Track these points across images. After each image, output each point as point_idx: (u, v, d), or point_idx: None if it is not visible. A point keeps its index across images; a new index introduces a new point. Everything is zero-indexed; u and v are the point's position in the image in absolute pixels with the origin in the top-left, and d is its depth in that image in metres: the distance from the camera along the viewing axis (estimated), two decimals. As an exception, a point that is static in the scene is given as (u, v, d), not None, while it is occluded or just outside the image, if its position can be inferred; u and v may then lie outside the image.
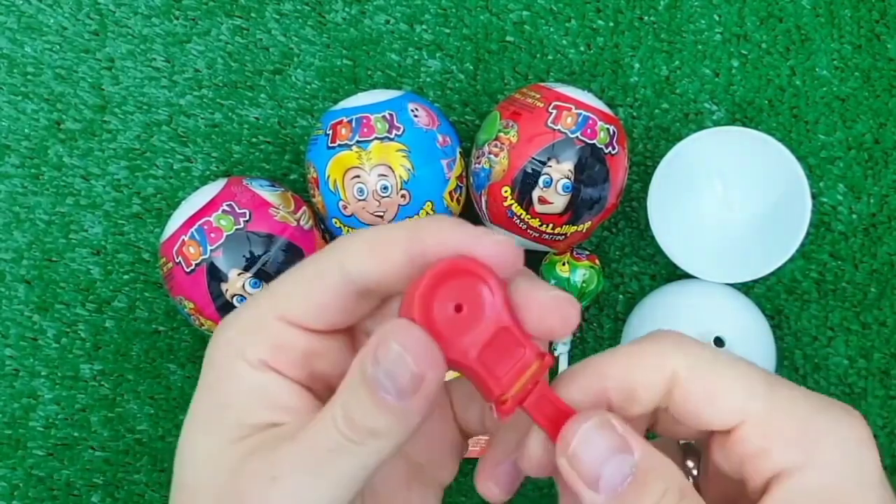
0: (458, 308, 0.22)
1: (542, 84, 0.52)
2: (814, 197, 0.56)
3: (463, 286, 0.22)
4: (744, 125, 0.57)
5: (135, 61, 0.57)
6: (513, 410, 0.23)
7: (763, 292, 0.57)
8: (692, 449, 0.28)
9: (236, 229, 0.48)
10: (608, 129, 0.50)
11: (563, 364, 0.55)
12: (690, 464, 0.27)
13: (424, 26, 0.57)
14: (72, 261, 0.56)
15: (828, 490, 0.22)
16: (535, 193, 0.49)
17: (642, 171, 0.57)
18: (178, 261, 0.48)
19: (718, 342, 0.50)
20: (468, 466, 0.56)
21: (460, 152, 0.52)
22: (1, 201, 0.56)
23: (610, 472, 0.22)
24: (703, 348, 0.24)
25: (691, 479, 0.27)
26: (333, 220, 0.51)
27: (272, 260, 0.48)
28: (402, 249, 0.22)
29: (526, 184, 0.49)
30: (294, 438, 0.22)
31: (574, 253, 0.54)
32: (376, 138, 0.48)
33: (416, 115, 0.50)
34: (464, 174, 0.53)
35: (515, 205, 0.50)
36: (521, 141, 0.49)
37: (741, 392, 0.23)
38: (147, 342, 0.56)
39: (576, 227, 0.51)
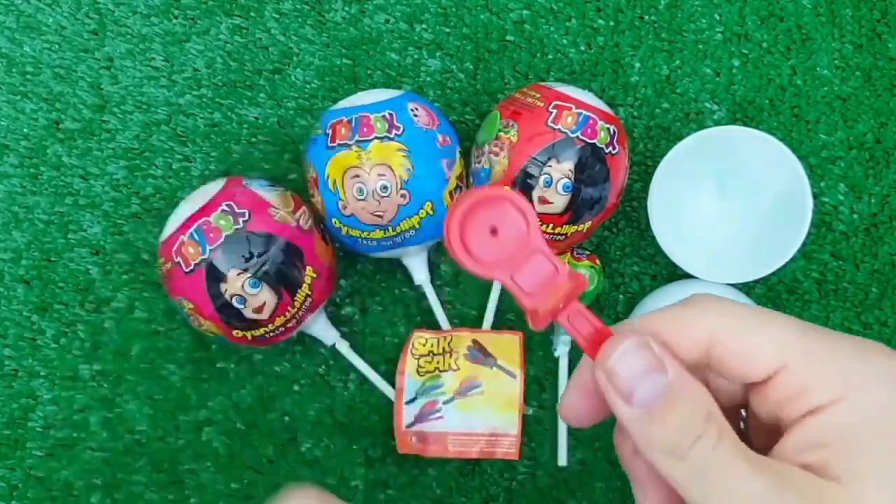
0: (494, 231, 0.26)
1: (543, 83, 0.52)
2: (815, 197, 0.55)
3: (498, 213, 0.26)
4: (745, 125, 0.57)
5: (134, 61, 0.57)
6: (545, 322, 0.26)
7: (764, 292, 0.57)
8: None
9: (235, 229, 0.47)
10: (609, 128, 0.50)
11: (562, 364, 0.55)
12: (743, 412, 0.28)
13: (424, 25, 0.57)
14: (71, 261, 0.56)
15: (859, 423, 0.22)
16: (536, 193, 0.49)
17: (643, 171, 0.57)
18: (177, 261, 0.48)
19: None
20: (467, 467, 0.56)
21: (460, 152, 0.52)
22: (0, 201, 0.56)
23: (643, 389, 0.23)
24: (738, 307, 0.25)
25: (742, 425, 0.28)
26: (333, 220, 0.50)
27: (271, 260, 0.48)
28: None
29: (526, 183, 0.49)
30: None
31: (574, 253, 0.54)
32: (376, 138, 0.48)
33: (415, 115, 0.50)
34: (464, 174, 0.53)
35: (515, 205, 0.49)
36: (521, 140, 0.49)
37: (777, 342, 0.24)
38: (146, 342, 0.56)
39: (576, 227, 0.51)
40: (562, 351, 0.55)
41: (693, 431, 0.23)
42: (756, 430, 0.27)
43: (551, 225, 0.50)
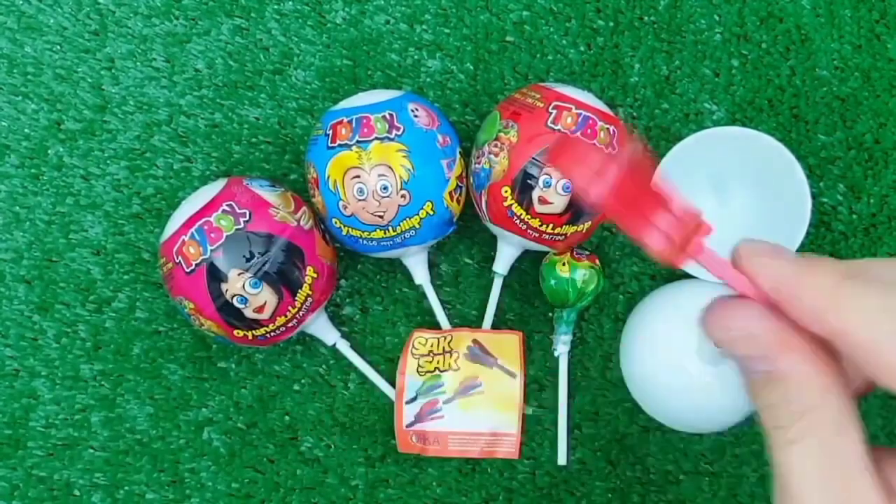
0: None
1: (542, 84, 0.52)
2: (814, 197, 0.56)
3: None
4: (744, 125, 0.57)
5: (135, 61, 0.57)
6: (681, 260, 0.26)
7: (763, 292, 0.57)
8: None
9: (236, 229, 0.48)
10: (608, 129, 0.50)
11: (562, 364, 0.55)
12: None
13: (424, 26, 0.57)
14: (72, 261, 0.56)
15: None
16: (535, 193, 0.49)
17: (642, 171, 0.57)
18: (178, 261, 0.48)
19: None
20: (467, 466, 0.56)
21: (460, 152, 0.52)
22: (1, 201, 0.56)
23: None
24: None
25: None
26: (333, 221, 0.51)
27: (272, 260, 0.48)
28: None
29: (526, 184, 0.49)
30: None
31: (574, 253, 0.54)
32: (376, 138, 0.48)
33: (416, 115, 0.50)
34: (464, 174, 0.53)
35: (515, 205, 0.50)
36: (521, 141, 0.49)
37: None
38: (147, 342, 0.56)
39: (576, 227, 0.51)
40: (562, 350, 0.55)
41: None
42: None
43: (551, 225, 0.50)
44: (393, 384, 0.55)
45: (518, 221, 0.50)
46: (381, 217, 0.49)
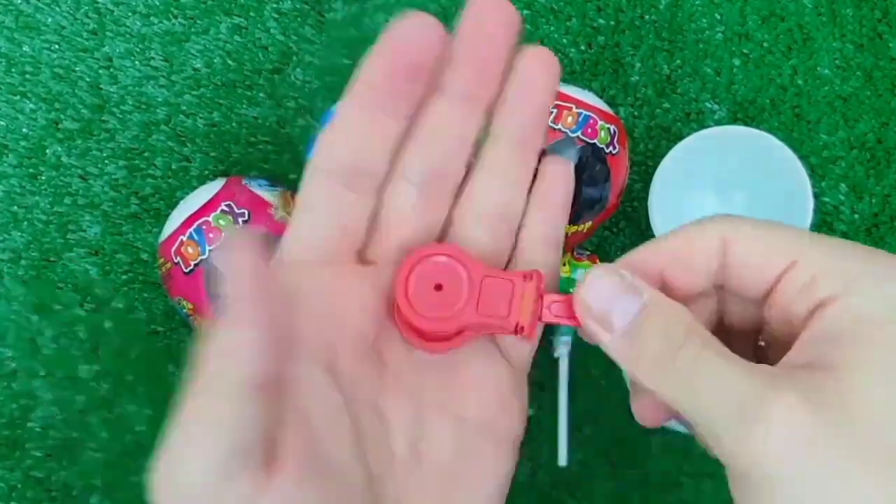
0: (439, 287, 0.25)
1: (543, 83, 0.52)
2: (816, 197, 0.55)
3: (435, 269, 0.26)
4: (745, 125, 0.56)
5: (133, 60, 0.57)
6: (534, 331, 0.26)
7: (764, 292, 0.57)
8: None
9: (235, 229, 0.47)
10: (609, 128, 0.50)
11: (563, 367, 0.55)
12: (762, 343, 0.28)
13: (424, 25, 0.57)
14: (70, 261, 0.56)
15: (867, 315, 0.22)
16: (536, 193, 0.49)
17: (643, 171, 0.57)
18: (176, 261, 0.48)
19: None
20: (468, 467, 0.55)
21: (460, 152, 0.52)
22: (-1, 201, 0.56)
23: (619, 312, 0.24)
24: (749, 218, 0.25)
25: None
26: (333, 220, 0.50)
27: (271, 260, 0.47)
28: None
29: (526, 184, 0.49)
30: None
31: (575, 253, 0.54)
32: (376, 138, 0.48)
33: (415, 115, 0.49)
34: (464, 174, 0.52)
35: (516, 205, 0.49)
36: (521, 140, 0.49)
37: (790, 239, 0.24)
38: (146, 343, 0.56)
39: (576, 227, 0.50)
40: (562, 351, 0.55)
41: (675, 341, 0.23)
42: (776, 351, 0.26)
43: (552, 225, 0.50)
44: (393, 385, 0.55)
45: (518, 221, 0.50)
46: (380, 217, 0.49)
